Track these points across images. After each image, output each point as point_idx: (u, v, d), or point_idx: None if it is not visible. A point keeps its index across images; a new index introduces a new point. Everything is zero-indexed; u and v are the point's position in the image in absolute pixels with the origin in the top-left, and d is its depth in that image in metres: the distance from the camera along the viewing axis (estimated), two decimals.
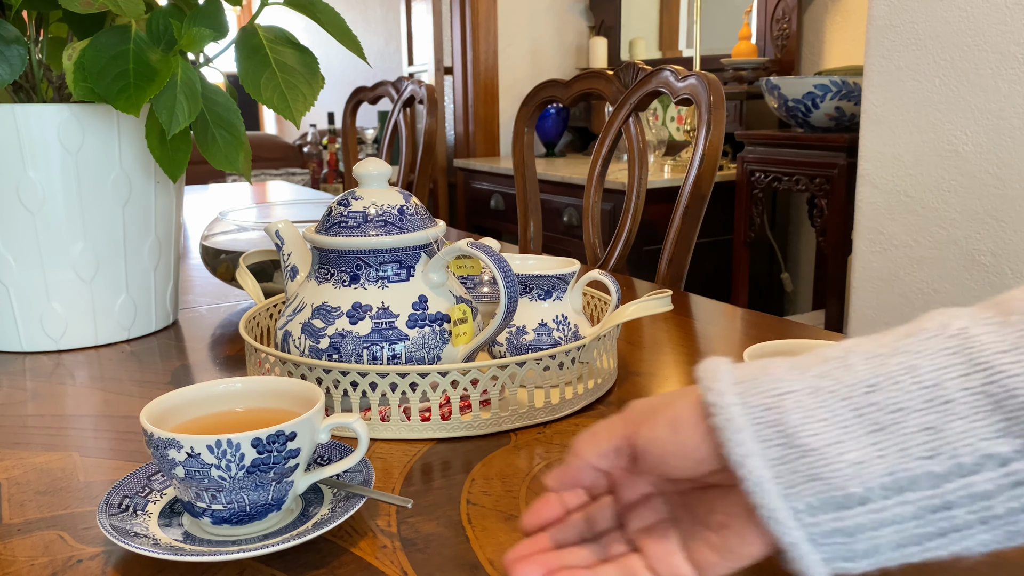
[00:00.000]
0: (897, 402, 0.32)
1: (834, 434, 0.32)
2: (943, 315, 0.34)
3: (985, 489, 0.31)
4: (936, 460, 0.31)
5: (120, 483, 0.49)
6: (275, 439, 0.44)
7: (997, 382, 0.31)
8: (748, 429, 0.33)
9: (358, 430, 0.48)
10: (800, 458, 0.32)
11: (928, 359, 0.32)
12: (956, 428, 0.31)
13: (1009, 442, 0.31)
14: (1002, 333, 0.32)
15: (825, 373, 0.34)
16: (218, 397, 0.50)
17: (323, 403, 0.47)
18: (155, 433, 0.43)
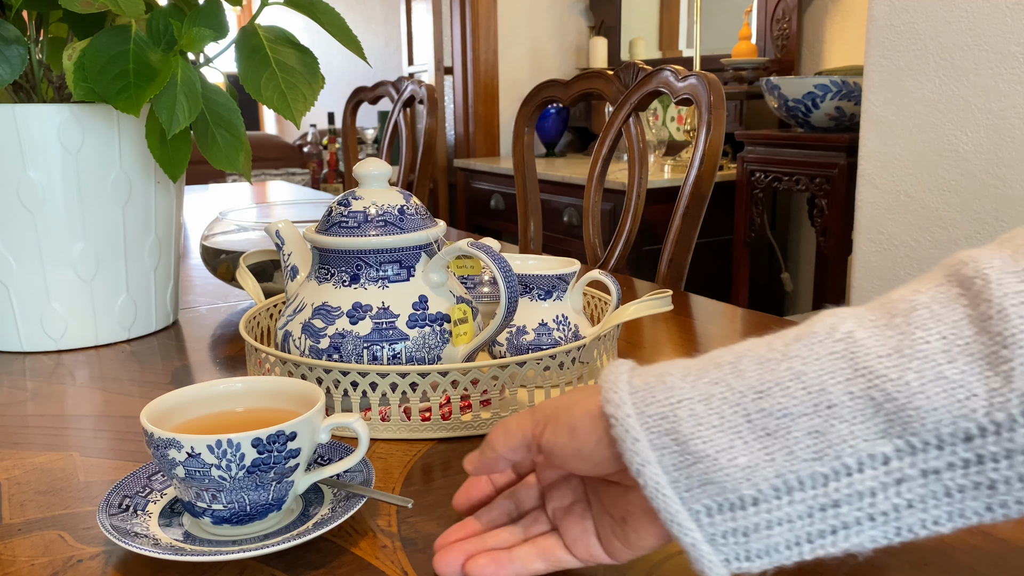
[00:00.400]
0: (784, 408, 0.34)
1: (726, 440, 0.34)
2: (833, 316, 0.35)
3: (869, 487, 0.33)
4: (822, 461, 0.33)
5: (120, 483, 0.49)
6: (275, 439, 0.44)
7: (877, 386, 0.32)
8: (644, 439, 0.35)
9: (358, 430, 0.48)
10: (695, 464, 0.34)
11: (814, 364, 0.34)
12: (840, 431, 0.33)
13: (890, 442, 0.32)
14: (884, 337, 0.33)
15: (718, 380, 0.35)
16: (218, 397, 0.50)
17: (323, 403, 0.47)
18: (155, 433, 0.43)
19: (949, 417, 0.31)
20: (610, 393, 0.37)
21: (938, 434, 0.32)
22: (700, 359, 0.37)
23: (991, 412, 0.31)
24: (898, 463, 0.32)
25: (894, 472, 0.33)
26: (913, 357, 0.32)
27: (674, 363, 0.38)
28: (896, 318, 0.33)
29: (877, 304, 0.35)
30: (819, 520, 0.34)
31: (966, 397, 0.31)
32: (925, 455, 0.32)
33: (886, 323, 0.34)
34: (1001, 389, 0.31)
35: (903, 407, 0.32)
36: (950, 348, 0.32)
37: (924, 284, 0.35)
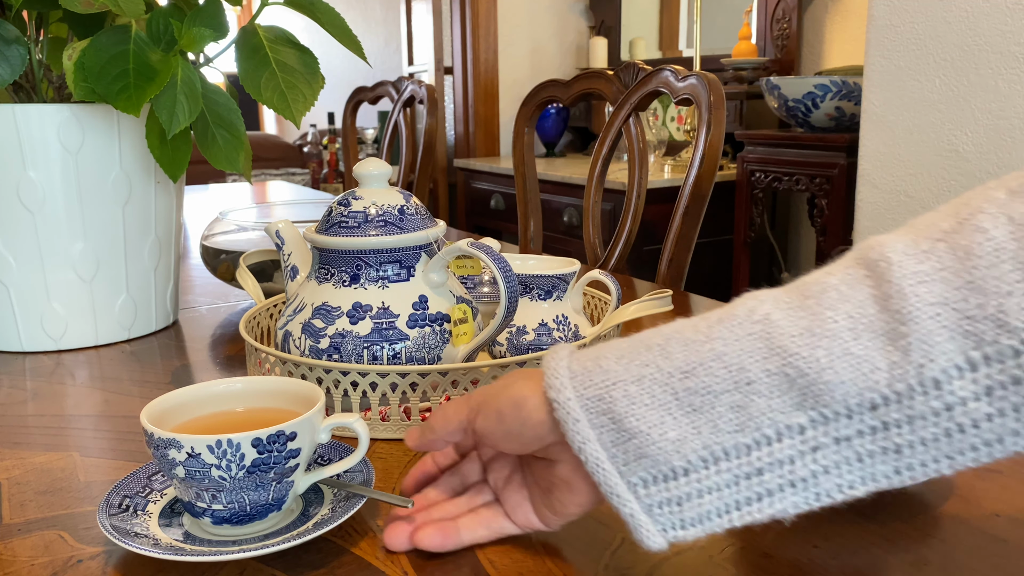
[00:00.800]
0: (708, 386, 0.37)
1: (657, 416, 0.38)
2: (753, 300, 0.39)
3: (788, 455, 0.36)
4: (744, 433, 0.37)
5: (120, 483, 0.49)
6: (275, 439, 0.44)
7: (791, 364, 0.36)
8: (584, 419, 0.39)
9: (358, 430, 0.48)
10: (630, 440, 0.38)
11: (734, 345, 0.37)
12: (759, 405, 0.36)
13: (804, 414, 0.36)
14: (796, 317, 0.36)
15: (648, 362, 0.39)
16: (218, 397, 0.50)
17: (323, 403, 0.47)
18: (155, 433, 0.43)
19: (855, 389, 0.35)
20: (552, 378, 0.40)
21: (847, 404, 0.35)
22: (632, 340, 0.40)
23: (892, 383, 0.34)
24: (813, 432, 0.36)
25: (809, 440, 0.36)
26: (823, 336, 0.35)
27: (609, 345, 0.41)
28: (808, 299, 0.37)
29: (793, 287, 0.38)
30: (745, 488, 0.37)
31: (870, 371, 0.34)
32: (836, 424, 0.35)
33: (799, 304, 0.37)
34: (900, 362, 0.34)
35: (814, 382, 0.35)
36: (855, 326, 0.35)
37: (836, 267, 0.38)
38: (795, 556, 0.44)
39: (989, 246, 0.34)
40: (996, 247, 0.33)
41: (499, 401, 0.43)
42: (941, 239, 0.35)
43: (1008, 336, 0.32)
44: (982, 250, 0.34)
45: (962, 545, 0.45)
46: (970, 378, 0.33)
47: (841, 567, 0.43)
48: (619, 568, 0.44)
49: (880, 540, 0.46)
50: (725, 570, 0.43)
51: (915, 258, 0.35)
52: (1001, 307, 0.33)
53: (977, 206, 0.35)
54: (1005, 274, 0.33)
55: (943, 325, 0.33)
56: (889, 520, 0.47)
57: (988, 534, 0.46)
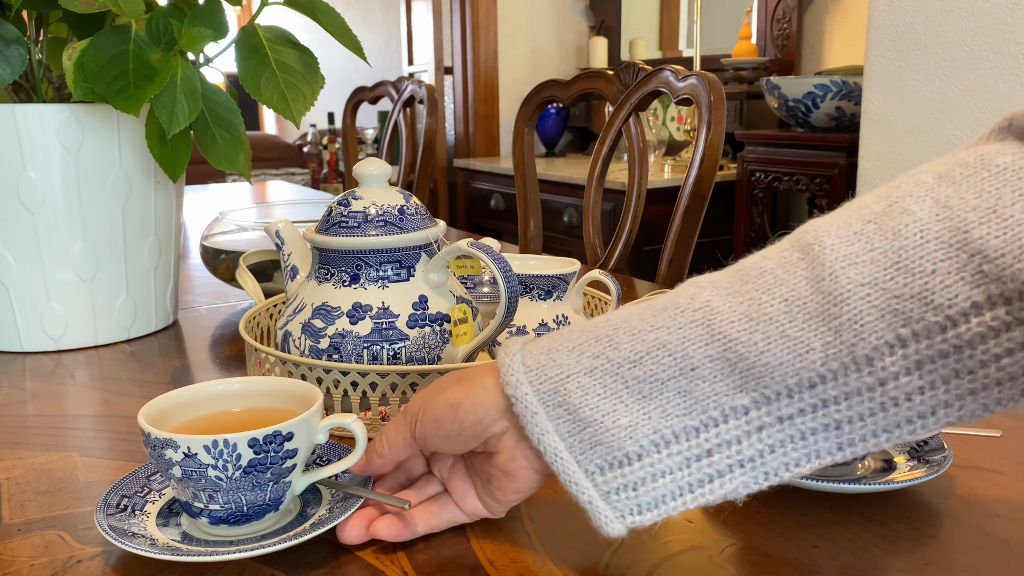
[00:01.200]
0: (655, 373, 0.39)
1: (609, 405, 0.39)
2: (694, 287, 0.40)
3: (735, 435, 0.38)
4: (691, 416, 0.38)
5: (119, 483, 0.49)
6: (272, 439, 0.44)
7: (731, 348, 0.37)
8: (542, 412, 0.41)
9: (356, 430, 0.48)
10: (585, 429, 0.40)
11: (677, 333, 0.39)
12: (704, 389, 0.38)
13: (747, 395, 0.37)
14: (735, 303, 0.38)
15: (598, 353, 0.40)
16: (216, 397, 0.50)
17: (321, 403, 0.47)
18: (152, 433, 0.43)
19: (793, 369, 0.36)
20: (507, 375, 0.42)
21: (786, 384, 0.36)
22: (582, 331, 0.42)
23: (827, 362, 0.36)
24: (756, 412, 0.37)
25: (754, 421, 0.37)
26: (759, 320, 0.37)
27: (560, 336, 0.42)
28: (746, 284, 0.38)
29: (732, 271, 0.40)
30: (696, 469, 0.38)
31: (805, 351, 0.36)
32: (778, 403, 0.37)
33: (737, 290, 0.38)
34: (833, 342, 0.35)
35: (753, 364, 0.37)
36: (790, 309, 0.37)
37: (772, 251, 0.39)
38: (795, 556, 0.44)
39: (915, 227, 0.35)
40: (921, 228, 0.35)
41: (435, 408, 0.44)
42: (871, 220, 0.37)
43: (934, 313, 0.34)
44: (908, 231, 0.35)
45: (962, 545, 0.45)
46: (900, 354, 0.35)
47: (841, 567, 0.43)
48: (619, 568, 0.44)
49: (880, 540, 0.46)
50: (725, 570, 0.43)
51: (846, 240, 0.37)
52: (926, 285, 0.34)
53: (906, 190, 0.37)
54: (929, 253, 0.34)
55: (873, 305, 0.35)
56: (889, 520, 0.47)
57: (988, 534, 0.46)
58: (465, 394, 0.44)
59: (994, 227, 0.33)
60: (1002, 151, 0.36)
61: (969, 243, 0.34)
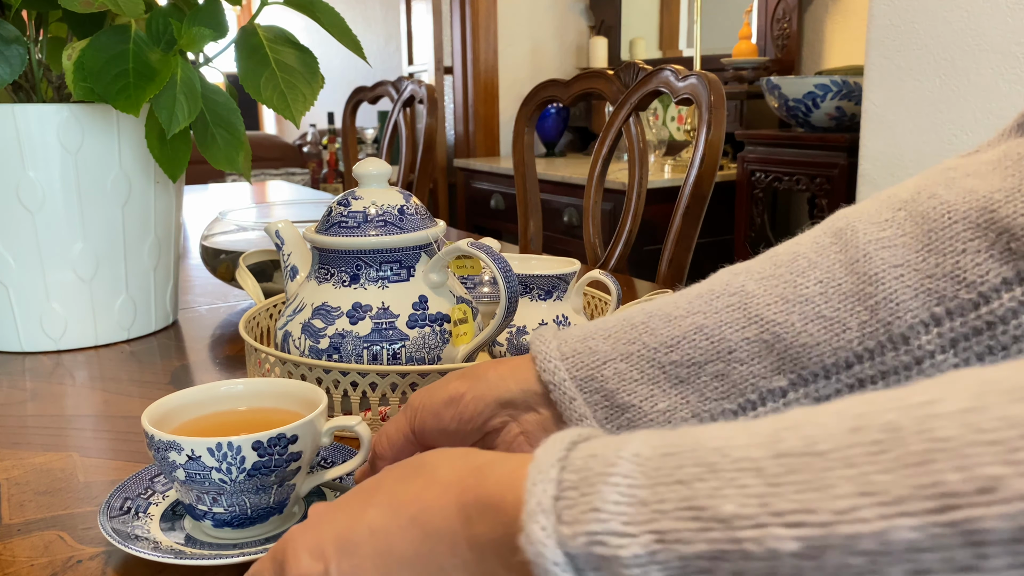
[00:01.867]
0: (692, 357, 0.39)
1: (646, 390, 0.40)
2: (728, 273, 0.41)
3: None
4: (729, 399, 0.38)
5: (122, 485, 0.49)
6: (276, 442, 0.43)
7: (768, 330, 0.37)
8: (580, 398, 0.41)
9: (361, 433, 0.48)
10: (623, 414, 0.40)
11: (713, 317, 0.39)
12: (741, 372, 0.38)
13: (784, 377, 0.37)
14: (770, 286, 0.38)
15: (634, 339, 0.40)
16: (220, 398, 0.50)
17: (325, 406, 0.47)
18: (156, 435, 0.43)
19: (830, 350, 0.36)
20: (544, 362, 0.42)
21: (823, 365, 0.37)
22: (617, 320, 0.42)
23: (863, 341, 0.36)
24: (794, 394, 0.37)
25: (791, 403, 0.37)
26: (795, 302, 0.37)
27: (594, 326, 0.42)
28: (780, 268, 0.39)
29: (764, 258, 0.41)
30: None
31: (842, 330, 0.36)
32: (815, 384, 0.37)
33: (771, 273, 0.39)
34: (870, 321, 0.36)
35: (791, 345, 0.37)
36: (826, 290, 0.37)
37: (803, 238, 0.40)
38: None
39: (943, 209, 0.36)
40: (949, 209, 0.36)
41: (434, 402, 0.44)
42: (901, 208, 0.38)
43: (967, 290, 0.35)
44: (936, 213, 0.36)
45: None
46: (935, 332, 0.35)
47: None
48: None
49: None
50: None
51: (878, 226, 0.37)
52: (958, 264, 0.35)
53: (933, 179, 0.38)
54: (958, 233, 0.35)
55: (907, 285, 0.36)
56: None
57: None
58: (467, 388, 0.44)
59: (1020, 206, 0.34)
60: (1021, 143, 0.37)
61: (996, 222, 0.35)
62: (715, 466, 0.23)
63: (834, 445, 0.21)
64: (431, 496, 0.31)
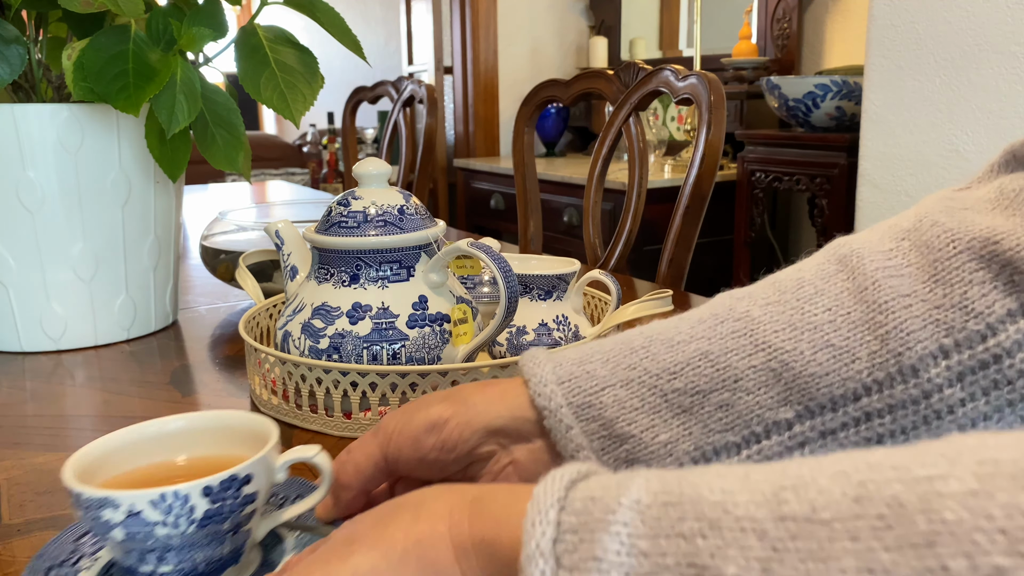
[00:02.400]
0: (696, 385, 0.37)
1: (647, 420, 0.37)
2: (730, 298, 0.39)
3: (776, 452, 0.36)
4: (733, 431, 0.37)
5: (43, 552, 0.43)
6: (229, 485, 0.38)
7: (776, 358, 0.36)
8: (577, 427, 0.38)
9: (321, 464, 0.42)
10: (621, 445, 0.38)
11: (718, 343, 0.37)
12: (747, 402, 0.36)
13: (791, 408, 0.36)
14: (776, 312, 0.37)
15: (634, 364, 0.38)
16: (153, 442, 0.43)
17: (278, 438, 0.41)
18: (84, 493, 0.36)
19: (839, 380, 0.35)
20: (539, 387, 0.39)
21: (831, 396, 0.35)
22: (615, 343, 0.40)
23: (873, 372, 0.35)
24: (800, 427, 0.36)
25: (797, 436, 0.36)
26: (804, 329, 0.36)
27: (591, 348, 0.40)
28: (785, 295, 0.38)
29: (767, 284, 0.39)
30: None
31: (851, 360, 0.35)
32: (822, 417, 0.36)
33: (777, 299, 0.38)
34: (880, 351, 0.35)
35: (799, 374, 0.36)
36: (835, 318, 0.36)
37: (806, 264, 0.39)
38: None
39: (946, 237, 0.36)
40: (952, 238, 0.36)
41: (413, 427, 0.40)
42: (904, 238, 0.37)
43: (975, 321, 0.34)
44: (940, 242, 0.36)
45: None
46: (944, 365, 0.34)
47: None
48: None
49: None
50: None
51: (884, 255, 0.37)
52: (965, 295, 0.35)
53: (932, 207, 0.38)
54: (963, 264, 0.35)
55: (915, 315, 0.35)
56: None
57: None
58: (452, 412, 0.40)
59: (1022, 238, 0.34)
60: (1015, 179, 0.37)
61: (998, 255, 0.34)
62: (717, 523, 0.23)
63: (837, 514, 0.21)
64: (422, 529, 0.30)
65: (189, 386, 0.72)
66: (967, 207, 0.37)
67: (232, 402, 0.68)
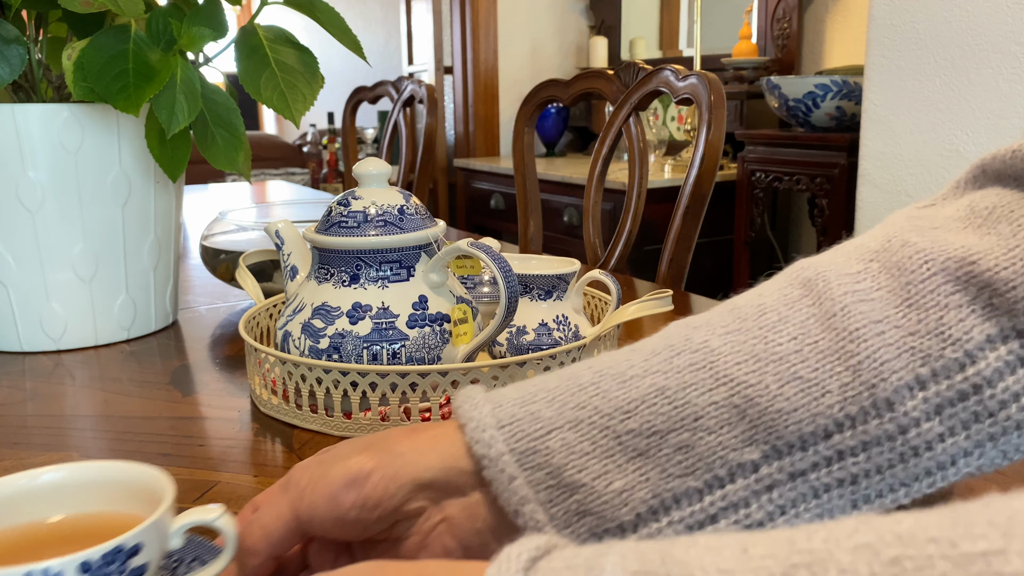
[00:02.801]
0: (652, 425, 0.33)
1: (599, 466, 0.33)
2: (685, 327, 0.36)
3: (742, 497, 0.33)
4: (694, 475, 0.33)
5: None
6: (112, 558, 0.32)
7: (739, 392, 0.33)
8: (521, 477, 0.34)
9: (223, 528, 0.35)
10: (571, 496, 0.33)
11: (675, 377, 0.34)
12: (708, 442, 0.33)
13: (757, 449, 0.33)
14: (737, 342, 0.34)
15: (583, 403, 0.34)
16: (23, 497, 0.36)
17: (173, 497, 0.35)
18: None
19: (808, 416, 0.32)
20: (477, 432, 0.35)
21: (800, 435, 0.32)
22: (560, 379, 0.36)
23: (845, 406, 0.32)
24: (767, 468, 0.33)
25: (764, 479, 0.33)
26: (768, 360, 0.33)
27: (534, 386, 0.36)
28: (747, 322, 0.34)
29: (724, 311, 0.36)
30: None
31: (821, 394, 0.32)
32: (791, 457, 0.33)
33: (737, 327, 0.34)
34: (852, 383, 0.32)
35: (765, 411, 0.33)
36: (801, 348, 0.33)
37: (767, 288, 0.36)
38: None
39: (919, 259, 0.33)
40: (926, 259, 0.33)
41: (329, 481, 0.35)
42: (873, 259, 0.35)
43: (953, 349, 0.32)
44: (913, 263, 0.33)
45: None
46: (921, 396, 0.32)
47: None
48: None
49: None
50: None
51: (852, 278, 0.34)
52: (942, 320, 0.32)
53: (900, 226, 0.35)
54: (939, 287, 0.33)
55: (888, 343, 0.32)
56: None
57: None
58: (374, 464, 0.35)
59: (1001, 258, 0.32)
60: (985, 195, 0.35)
61: (976, 275, 0.32)
62: None
63: None
64: None
65: (189, 386, 0.72)
66: (936, 226, 0.35)
67: (232, 402, 0.68)
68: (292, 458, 0.58)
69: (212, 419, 0.65)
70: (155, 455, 0.58)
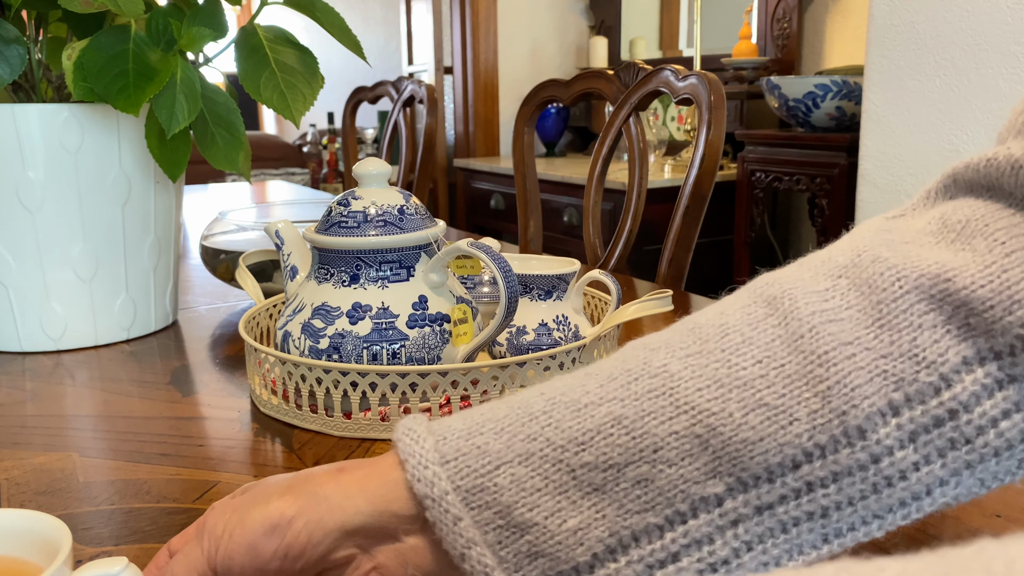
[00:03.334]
0: (608, 457, 0.31)
1: (552, 503, 0.31)
2: (643, 349, 0.33)
3: (706, 533, 0.31)
4: (654, 511, 0.31)
5: None
6: None
7: (701, 422, 0.31)
8: (467, 517, 0.31)
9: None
10: (521, 537, 0.31)
11: (633, 405, 0.32)
12: (669, 475, 0.31)
13: (721, 481, 0.31)
14: (699, 366, 0.32)
15: (534, 435, 0.32)
16: None
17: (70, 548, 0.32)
18: None
19: (775, 446, 0.30)
20: (418, 469, 0.32)
21: (767, 466, 0.30)
22: (510, 407, 0.34)
23: (814, 435, 0.30)
24: (731, 503, 0.31)
25: (729, 514, 0.31)
26: (732, 386, 0.31)
27: (480, 415, 0.34)
28: (708, 344, 0.32)
29: (684, 330, 0.34)
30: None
31: (789, 422, 0.30)
32: (757, 491, 0.31)
33: (698, 350, 0.32)
34: (821, 410, 0.30)
35: (729, 440, 0.31)
36: (767, 372, 0.31)
37: (729, 306, 0.34)
38: None
39: (891, 276, 0.31)
40: (898, 276, 0.31)
41: (249, 528, 0.33)
42: (842, 276, 0.33)
43: (927, 372, 0.30)
44: (884, 281, 0.31)
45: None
46: (894, 423, 0.30)
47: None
48: None
49: (880, 540, 0.45)
50: None
51: (820, 296, 0.32)
52: (915, 342, 0.30)
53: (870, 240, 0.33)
54: (912, 306, 0.31)
55: (859, 366, 0.30)
56: None
57: (989, 535, 0.46)
58: (298, 509, 0.33)
59: (977, 276, 0.30)
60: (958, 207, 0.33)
61: (951, 294, 0.31)
62: None
63: None
64: None
65: (189, 386, 0.73)
66: (908, 240, 0.33)
67: (232, 402, 0.68)
68: (292, 458, 0.58)
69: (212, 419, 0.65)
70: (155, 455, 0.58)
